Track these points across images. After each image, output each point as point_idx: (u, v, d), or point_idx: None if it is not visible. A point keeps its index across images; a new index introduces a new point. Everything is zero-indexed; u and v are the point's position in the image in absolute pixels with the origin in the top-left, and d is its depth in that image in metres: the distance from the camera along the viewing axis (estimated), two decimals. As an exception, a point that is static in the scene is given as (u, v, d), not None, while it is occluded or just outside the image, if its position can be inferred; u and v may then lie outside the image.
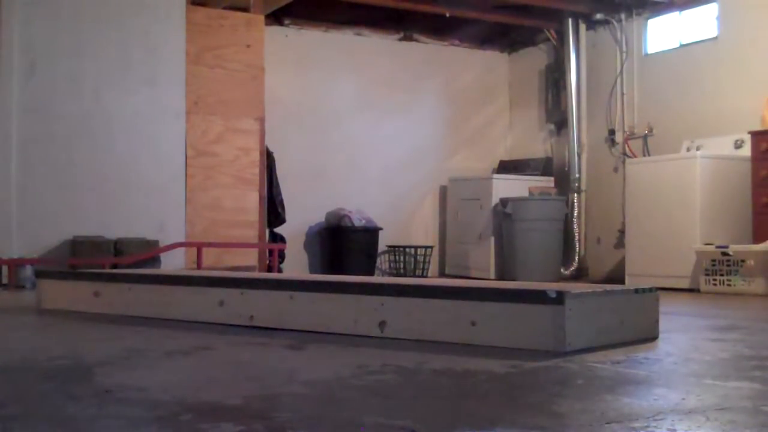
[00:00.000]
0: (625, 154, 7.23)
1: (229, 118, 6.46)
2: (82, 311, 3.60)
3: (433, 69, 8.32)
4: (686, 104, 6.78)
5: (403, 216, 8.11)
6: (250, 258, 6.48)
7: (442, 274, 8.18)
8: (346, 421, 1.50)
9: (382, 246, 7.77)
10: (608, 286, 2.72)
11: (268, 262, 6.45)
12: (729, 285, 5.46)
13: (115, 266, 5.55)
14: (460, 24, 8.04)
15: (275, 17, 7.39)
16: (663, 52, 7.11)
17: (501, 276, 7.36)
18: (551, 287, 2.42)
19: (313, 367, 2.16)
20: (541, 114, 8.30)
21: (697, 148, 6.23)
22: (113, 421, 1.50)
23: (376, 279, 4.68)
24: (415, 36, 8.28)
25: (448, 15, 7.55)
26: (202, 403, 1.66)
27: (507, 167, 8.25)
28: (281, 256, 6.86)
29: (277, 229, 7.07)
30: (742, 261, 5.40)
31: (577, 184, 7.64)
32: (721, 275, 5.51)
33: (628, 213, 6.54)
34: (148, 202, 6.07)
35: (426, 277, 7.73)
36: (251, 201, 6.53)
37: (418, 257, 7.87)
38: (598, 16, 7.49)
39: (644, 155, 7.01)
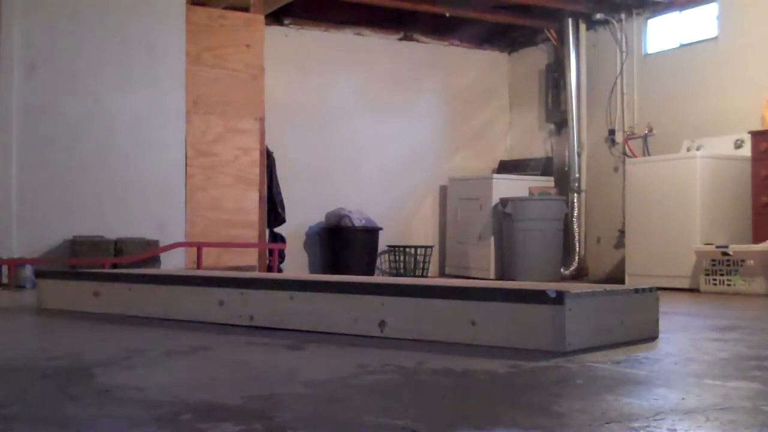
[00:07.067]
0: (625, 154, 7.23)
1: (229, 118, 6.45)
2: (82, 311, 3.60)
3: (433, 69, 8.32)
4: (686, 104, 6.78)
5: (403, 216, 8.11)
6: (250, 258, 6.48)
7: (442, 274, 8.18)
8: (346, 421, 1.50)
9: (382, 246, 7.77)
10: (608, 286, 2.72)
11: (268, 262, 6.45)
12: (729, 285, 5.46)
13: (115, 266, 5.55)
14: (460, 24, 8.04)
15: (275, 17, 7.39)
16: (663, 52, 7.11)
17: (501, 276, 7.36)
18: (551, 287, 2.42)
19: (313, 367, 2.16)
20: (541, 114, 8.30)
21: (697, 148, 6.23)
22: (113, 421, 1.50)
23: (376, 279, 4.68)
24: (415, 36, 8.28)
25: (448, 15, 7.55)
26: (202, 403, 1.66)
27: (507, 167, 8.25)
28: (281, 256, 6.86)
29: (277, 229, 7.07)
30: (742, 261, 5.40)
31: (577, 184, 7.64)
32: (721, 275, 5.51)
33: (628, 213, 6.54)
34: (148, 202, 6.07)
35: (426, 277, 7.73)
36: (251, 201, 6.53)
37: (418, 257, 7.87)
38: (598, 16, 7.48)
39: (644, 155, 7.00)
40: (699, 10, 6.80)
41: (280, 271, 6.67)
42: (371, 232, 7.48)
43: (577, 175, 7.65)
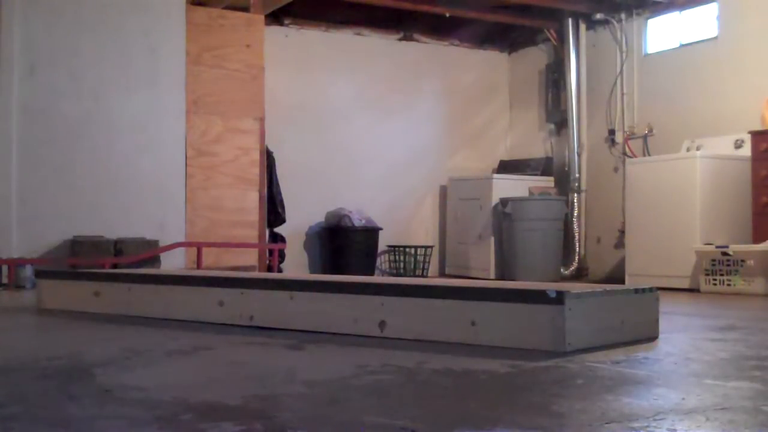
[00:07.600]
0: (625, 154, 7.23)
1: (229, 118, 6.46)
2: (82, 311, 3.60)
3: (433, 69, 8.32)
4: (686, 104, 6.78)
5: (403, 216, 8.11)
6: (250, 258, 6.48)
7: (442, 274, 8.18)
8: (346, 421, 1.50)
9: (382, 246, 7.76)
10: (608, 286, 2.72)
11: (268, 262, 6.45)
12: (729, 285, 5.46)
13: (115, 266, 5.55)
14: (460, 24, 8.03)
15: (275, 17, 7.39)
16: (663, 52, 7.11)
17: (501, 276, 7.36)
18: (551, 287, 2.42)
19: (313, 367, 2.16)
20: (541, 114, 8.30)
21: (697, 148, 6.23)
22: (113, 421, 1.50)
23: (376, 279, 4.68)
24: (415, 36, 8.28)
25: (448, 15, 7.55)
26: (202, 403, 1.66)
27: (507, 167, 8.25)
28: (281, 256, 6.86)
29: (277, 229, 7.07)
30: (742, 261, 5.40)
31: (577, 184, 7.64)
32: (721, 275, 5.51)
33: (628, 213, 6.54)
34: (148, 202, 6.07)
35: (426, 276, 7.73)
36: (251, 201, 6.53)
37: (418, 257, 7.87)
38: (598, 16, 7.48)
39: (644, 155, 7.00)
40: (699, 10, 6.79)
41: (280, 271, 6.67)
42: (371, 232, 7.48)
43: (577, 175, 7.65)
